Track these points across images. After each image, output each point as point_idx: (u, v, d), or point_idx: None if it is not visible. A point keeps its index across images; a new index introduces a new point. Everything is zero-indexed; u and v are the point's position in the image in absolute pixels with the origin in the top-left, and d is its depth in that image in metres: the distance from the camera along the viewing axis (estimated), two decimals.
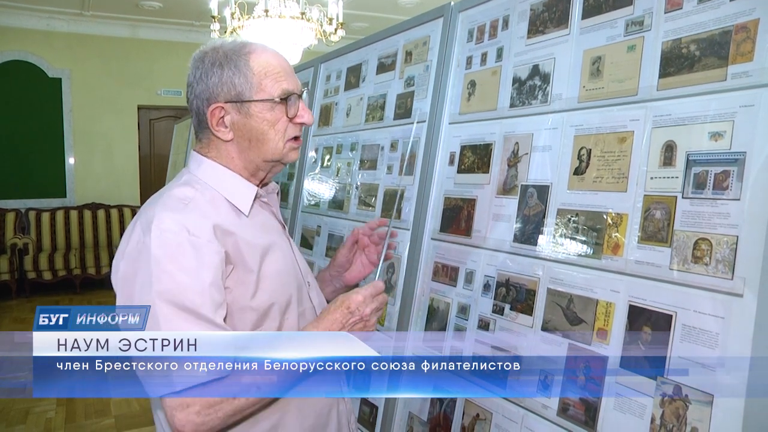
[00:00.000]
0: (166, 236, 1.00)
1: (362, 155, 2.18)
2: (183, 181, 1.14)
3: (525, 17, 1.49)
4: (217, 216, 1.08)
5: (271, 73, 1.11)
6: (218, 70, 1.10)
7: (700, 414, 0.97)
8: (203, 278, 1.00)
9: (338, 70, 2.47)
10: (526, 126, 1.45)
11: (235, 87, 1.10)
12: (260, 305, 1.09)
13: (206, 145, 1.17)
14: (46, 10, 7.30)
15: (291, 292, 1.16)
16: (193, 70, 1.13)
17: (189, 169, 1.18)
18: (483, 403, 1.45)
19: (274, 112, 1.12)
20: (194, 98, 1.14)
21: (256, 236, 1.12)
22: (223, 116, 1.11)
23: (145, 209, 1.08)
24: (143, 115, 8.47)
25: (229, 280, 1.05)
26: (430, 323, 1.68)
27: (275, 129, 1.12)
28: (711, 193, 1.01)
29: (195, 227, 1.02)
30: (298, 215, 2.61)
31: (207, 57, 1.12)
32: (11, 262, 6.96)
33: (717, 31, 1.05)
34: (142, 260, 0.99)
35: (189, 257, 1.00)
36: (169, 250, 0.99)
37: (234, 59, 1.10)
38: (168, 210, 1.04)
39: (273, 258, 1.14)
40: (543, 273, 1.33)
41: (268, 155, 1.14)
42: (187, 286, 0.98)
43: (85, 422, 3.82)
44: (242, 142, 1.13)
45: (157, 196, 1.10)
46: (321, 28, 5.09)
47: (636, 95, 1.18)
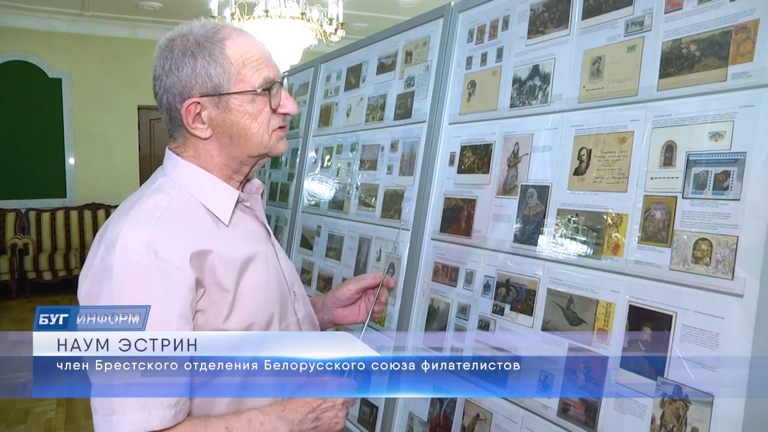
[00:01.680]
0: (131, 257, 0.91)
1: (362, 155, 2.18)
2: (156, 186, 1.03)
3: (525, 17, 1.49)
4: (194, 228, 0.99)
5: (249, 60, 1.01)
6: (190, 60, 0.99)
7: (701, 414, 0.97)
8: (168, 309, 0.91)
9: (338, 71, 2.47)
10: (526, 126, 1.45)
11: (211, 79, 0.99)
12: (236, 326, 1.00)
13: (182, 144, 1.06)
14: (46, 10, 7.30)
15: (273, 309, 1.08)
16: (161, 60, 1.01)
17: (164, 170, 1.07)
18: (483, 403, 1.45)
19: (256, 103, 1.01)
20: (164, 93, 1.02)
21: (235, 249, 1.03)
22: (199, 112, 1.00)
23: (112, 222, 0.97)
24: (143, 116, 8.47)
25: (202, 301, 0.97)
26: (430, 323, 1.68)
27: (258, 122, 1.02)
28: (711, 193, 1.01)
29: (164, 250, 0.92)
30: (298, 215, 2.61)
31: (176, 45, 1.00)
32: (11, 263, 6.96)
33: (717, 31, 1.05)
34: (104, 281, 0.91)
35: (154, 284, 0.91)
36: (133, 274, 0.90)
37: (208, 47, 0.99)
38: (137, 225, 0.94)
39: (254, 271, 1.05)
40: (543, 273, 1.33)
41: (253, 150, 1.05)
42: (149, 316, 0.89)
43: (85, 422, 3.82)
44: (222, 138, 1.03)
45: (128, 206, 0.99)
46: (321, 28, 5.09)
47: (636, 95, 1.18)
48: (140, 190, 1.05)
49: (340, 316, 1.34)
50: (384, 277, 1.30)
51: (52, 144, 7.77)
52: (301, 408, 1.02)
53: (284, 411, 1.01)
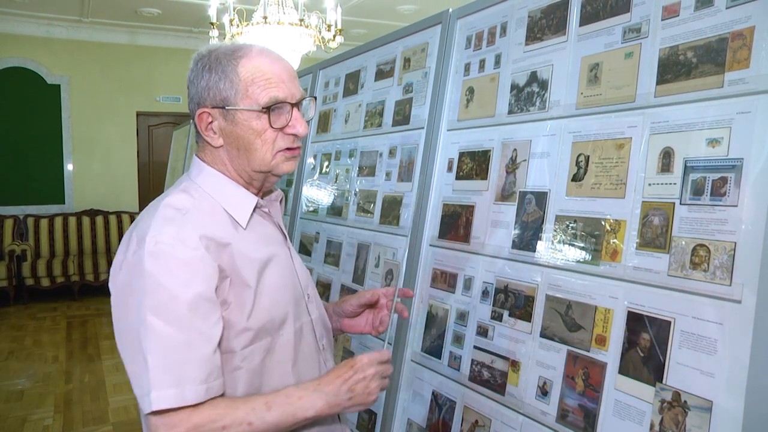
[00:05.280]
0: (160, 248, 0.97)
1: (361, 162, 2.18)
2: (182, 188, 1.11)
3: (523, 24, 1.50)
4: (215, 227, 1.05)
5: (259, 79, 1.06)
6: (207, 73, 1.07)
7: (699, 420, 0.97)
8: (195, 290, 0.97)
9: (337, 77, 2.48)
10: (524, 132, 1.45)
11: (220, 92, 1.07)
12: (256, 323, 1.06)
13: (202, 150, 1.15)
14: (45, 16, 7.32)
15: (287, 308, 1.13)
16: (190, 71, 1.11)
17: (190, 175, 1.15)
18: (482, 409, 1.44)
19: (260, 121, 1.07)
20: (189, 101, 1.13)
21: (253, 250, 1.09)
22: (211, 121, 1.09)
23: (142, 218, 1.05)
24: (142, 122, 8.48)
25: (228, 293, 1.03)
26: (429, 329, 1.67)
27: (262, 139, 1.08)
28: (709, 199, 1.02)
29: (189, 240, 1.00)
30: (296, 222, 2.61)
31: (201, 59, 1.10)
32: (9, 269, 6.95)
33: (714, 38, 1.05)
34: (136, 272, 0.98)
35: (182, 270, 0.97)
36: (163, 263, 0.97)
37: (223, 63, 1.07)
38: (164, 221, 1.01)
39: (272, 271, 1.11)
40: (541, 279, 1.33)
41: (255, 166, 1.11)
42: (179, 299, 0.96)
43: (83, 429, 3.80)
44: (231, 150, 1.11)
45: (156, 204, 1.08)
46: (320, 34, 5.09)
47: (634, 102, 1.18)
48: (167, 192, 1.13)
49: (346, 325, 1.40)
50: (389, 290, 1.35)
51: (50, 150, 7.79)
52: (334, 380, 1.07)
53: (319, 384, 1.06)
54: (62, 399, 4.30)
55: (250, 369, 1.07)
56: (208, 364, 0.97)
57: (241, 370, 1.06)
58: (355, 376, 1.07)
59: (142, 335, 0.95)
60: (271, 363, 1.10)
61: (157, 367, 0.93)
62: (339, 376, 1.08)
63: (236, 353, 1.05)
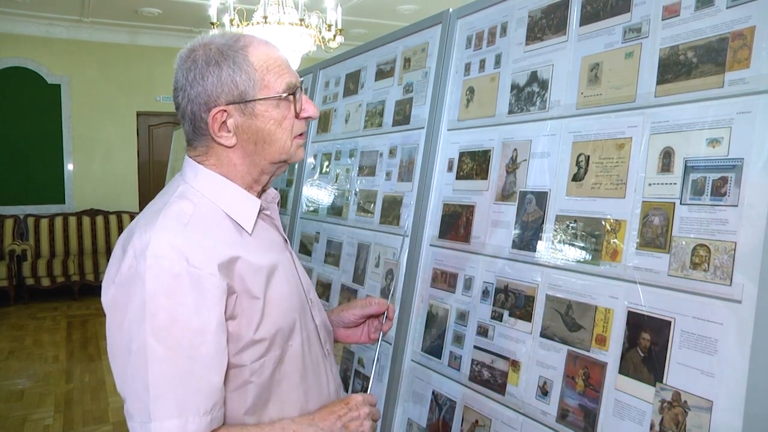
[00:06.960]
0: (162, 264, 0.90)
1: (361, 161, 2.18)
2: (179, 192, 1.02)
3: (523, 24, 1.50)
4: (220, 235, 0.99)
5: (272, 66, 1.01)
6: (215, 69, 0.98)
7: (700, 420, 0.97)
8: (202, 315, 0.91)
9: (337, 77, 2.48)
10: (524, 132, 1.45)
11: (237, 86, 0.99)
12: (264, 335, 1.01)
13: (203, 153, 1.05)
14: (45, 16, 7.32)
15: (295, 316, 1.09)
16: (183, 71, 1.01)
17: (185, 177, 1.06)
18: (482, 409, 1.44)
19: (280, 109, 1.02)
20: (188, 103, 1.01)
21: (260, 257, 1.03)
22: (225, 120, 1.00)
23: (138, 229, 0.96)
24: (142, 122, 8.48)
25: (236, 307, 0.97)
26: (429, 329, 1.67)
27: (282, 127, 1.03)
28: (709, 199, 1.02)
29: (195, 256, 0.92)
30: (296, 221, 2.61)
31: (198, 55, 1.00)
32: (9, 269, 6.95)
33: (714, 38, 1.05)
34: (135, 289, 0.90)
35: (187, 291, 0.90)
36: (166, 281, 0.89)
37: (231, 55, 0.99)
38: (166, 232, 0.93)
39: (278, 279, 1.06)
40: (542, 279, 1.33)
41: (275, 156, 1.05)
42: (183, 323, 0.89)
43: (83, 429, 3.80)
44: (247, 146, 1.03)
45: (153, 212, 0.99)
46: (320, 34, 5.09)
47: (634, 102, 1.18)
48: (162, 197, 1.05)
49: (342, 335, 1.38)
50: (389, 306, 1.35)
51: (51, 150, 7.78)
52: (328, 416, 1.06)
53: (314, 419, 1.05)
54: (62, 399, 4.31)
55: (259, 383, 1.02)
56: (214, 395, 0.92)
57: (252, 384, 1.01)
58: (349, 413, 1.07)
59: (141, 360, 0.88)
60: (280, 375, 1.06)
61: (158, 397, 0.88)
62: (333, 412, 1.06)
63: (246, 367, 1.00)
